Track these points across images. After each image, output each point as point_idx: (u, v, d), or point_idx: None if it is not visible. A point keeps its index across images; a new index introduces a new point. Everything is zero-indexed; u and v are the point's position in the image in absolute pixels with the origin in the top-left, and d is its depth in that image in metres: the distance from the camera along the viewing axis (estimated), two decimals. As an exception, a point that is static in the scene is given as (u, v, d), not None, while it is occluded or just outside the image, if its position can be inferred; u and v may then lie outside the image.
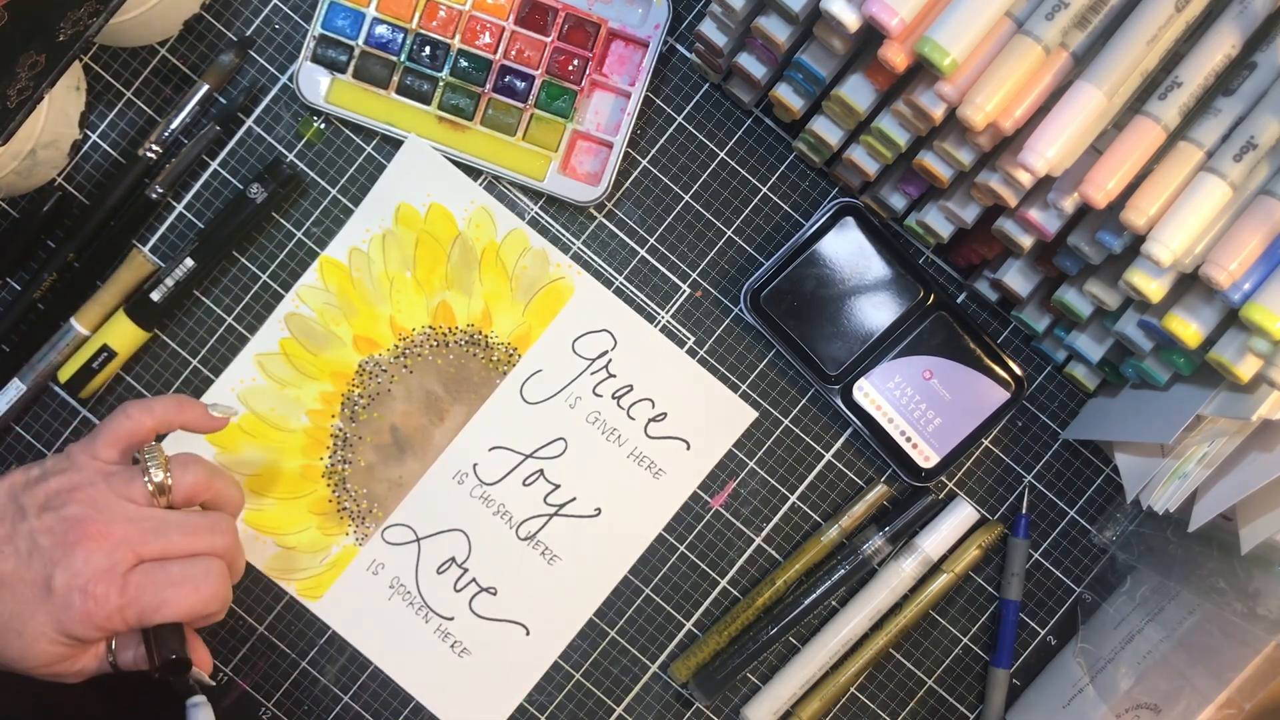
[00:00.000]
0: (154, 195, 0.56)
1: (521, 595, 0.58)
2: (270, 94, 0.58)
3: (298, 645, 0.58)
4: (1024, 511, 0.59)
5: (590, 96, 0.58)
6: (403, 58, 0.57)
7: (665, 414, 0.58)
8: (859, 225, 0.57)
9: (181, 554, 0.47)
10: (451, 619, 0.58)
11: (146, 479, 0.48)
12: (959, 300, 0.59)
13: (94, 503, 0.46)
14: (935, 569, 0.58)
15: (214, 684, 0.52)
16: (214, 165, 0.58)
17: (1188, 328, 0.45)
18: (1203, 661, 0.51)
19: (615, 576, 0.58)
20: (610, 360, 0.58)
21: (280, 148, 0.58)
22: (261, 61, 0.58)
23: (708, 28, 0.51)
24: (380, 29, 0.57)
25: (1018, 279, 0.54)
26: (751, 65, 0.53)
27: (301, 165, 0.58)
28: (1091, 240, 0.48)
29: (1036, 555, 0.59)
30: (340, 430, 0.58)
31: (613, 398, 0.58)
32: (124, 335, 0.56)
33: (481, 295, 0.58)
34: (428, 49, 0.57)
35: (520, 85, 0.57)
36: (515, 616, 0.58)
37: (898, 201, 0.55)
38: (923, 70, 0.46)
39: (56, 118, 0.54)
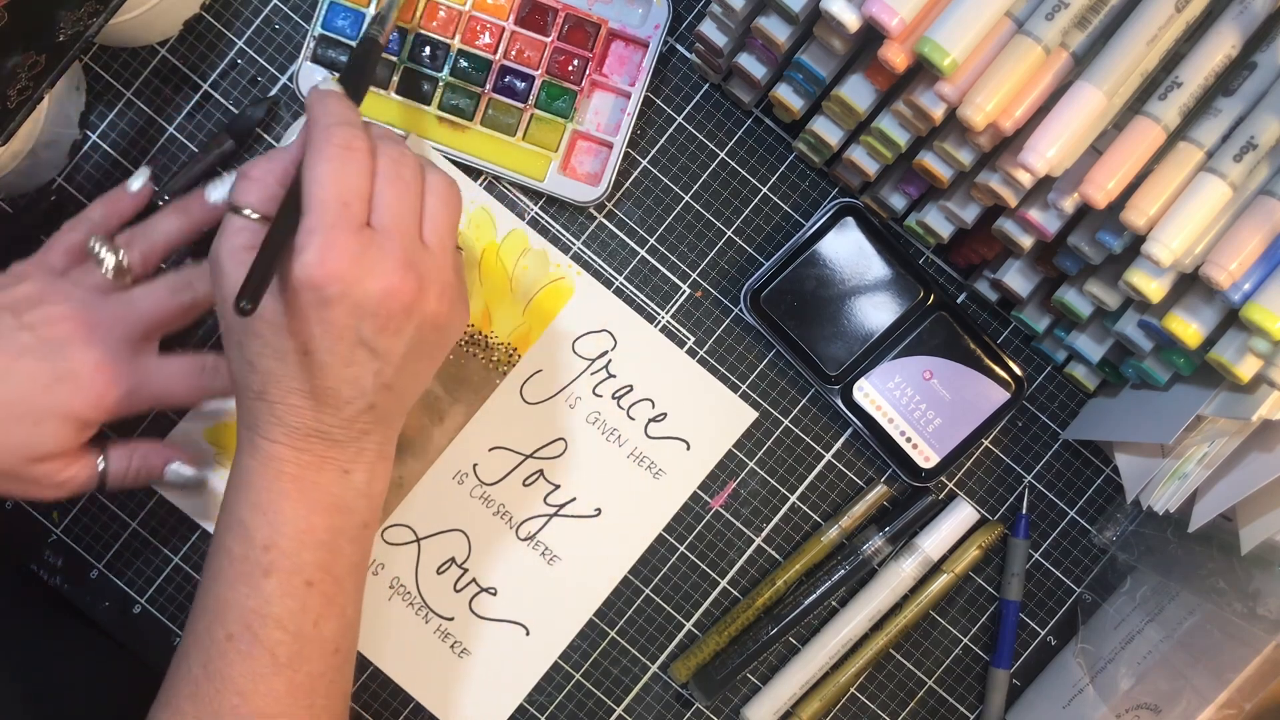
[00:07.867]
0: (160, 203, 0.57)
1: (521, 595, 0.58)
2: (270, 94, 0.58)
3: (298, 645, 0.58)
4: (1024, 511, 0.59)
5: (590, 96, 0.57)
6: (403, 57, 0.57)
7: (665, 414, 0.58)
8: (859, 225, 0.57)
9: (169, 317, 0.49)
10: (451, 619, 0.58)
11: (103, 268, 0.48)
12: (959, 300, 0.59)
13: (66, 298, 0.47)
14: (935, 569, 0.58)
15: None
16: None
17: (1188, 328, 0.45)
18: (1203, 661, 0.51)
19: (615, 576, 0.58)
20: (610, 360, 0.58)
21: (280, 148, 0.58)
22: (261, 61, 0.58)
23: (708, 28, 0.51)
24: (380, 29, 0.57)
25: (1018, 279, 0.54)
26: (751, 65, 0.53)
27: (301, 165, 0.58)
28: (1091, 240, 0.48)
29: (1036, 555, 0.59)
30: (340, 430, 0.58)
31: (613, 398, 0.58)
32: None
33: (481, 295, 0.58)
34: (428, 49, 0.57)
35: (520, 85, 0.57)
36: (515, 616, 0.58)
37: (898, 201, 0.55)
38: (923, 70, 0.46)
39: (56, 118, 0.54)
